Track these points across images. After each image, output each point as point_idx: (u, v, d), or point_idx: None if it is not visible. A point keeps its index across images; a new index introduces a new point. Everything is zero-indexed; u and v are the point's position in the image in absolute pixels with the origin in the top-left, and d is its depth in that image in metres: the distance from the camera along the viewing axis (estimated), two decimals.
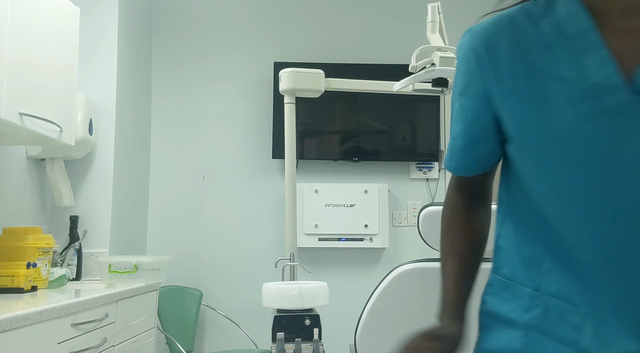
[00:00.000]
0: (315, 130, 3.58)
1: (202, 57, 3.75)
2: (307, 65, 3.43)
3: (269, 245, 3.62)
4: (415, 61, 2.15)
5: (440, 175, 3.67)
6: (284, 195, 3.64)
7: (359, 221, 3.51)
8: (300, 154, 3.55)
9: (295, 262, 2.49)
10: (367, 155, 3.59)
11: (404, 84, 2.21)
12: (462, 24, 3.77)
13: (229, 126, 3.71)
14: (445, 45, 2.17)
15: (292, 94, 2.55)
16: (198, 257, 3.61)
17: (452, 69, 2.07)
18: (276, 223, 3.64)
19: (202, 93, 3.73)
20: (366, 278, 3.61)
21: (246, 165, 3.68)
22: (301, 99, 2.76)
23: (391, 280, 1.78)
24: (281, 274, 2.56)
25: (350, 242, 3.50)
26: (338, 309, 3.57)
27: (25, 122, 2.02)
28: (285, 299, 1.91)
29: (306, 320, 1.88)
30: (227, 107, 3.72)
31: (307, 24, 3.78)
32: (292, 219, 2.51)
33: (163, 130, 3.71)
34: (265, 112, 3.70)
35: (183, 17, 3.78)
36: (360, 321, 1.81)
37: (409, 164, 3.67)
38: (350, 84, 2.61)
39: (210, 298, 3.57)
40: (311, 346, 1.85)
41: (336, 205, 3.52)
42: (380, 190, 3.54)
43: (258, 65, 3.74)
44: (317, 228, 3.49)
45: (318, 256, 3.62)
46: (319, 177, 3.66)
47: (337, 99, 3.55)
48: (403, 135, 3.60)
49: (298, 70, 2.54)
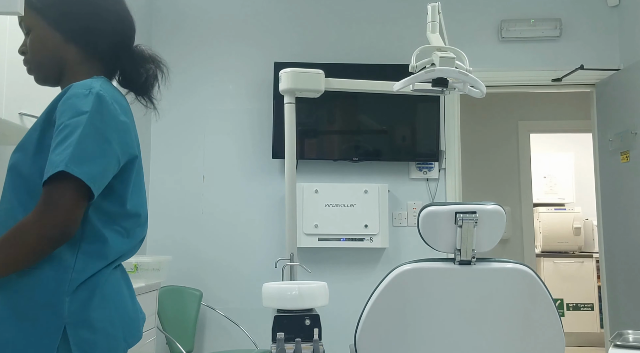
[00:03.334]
0: (315, 130, 3.58)
1: (202, 57, 3.75)
2: (307, 65, 3.43)
3: (269, 245, 3.62)
4: (415, 61, 2.15)
5: (440, 175, 3.67)
6: (284, 195, 3.64)
7: (359, 221, 3.51)
8: (300, 154, 3.55)
9: (295, 262, 2.49)
10: (367, 155, 3.59)
11: (404, 84, 2.21)
12: (462, 23, 3.78)
13: (229, 126, 3.71)
14: (445, 45, 2.17)
15: (292, 94, 2.55)
16: (198, 257, 3.61)
17: (452, 69, 2.07)
18: (276, 223, 3.64)
19: (202, 93, 3.73)
20: (366, 278, 3.61)
21: (246, 165, 3.68)
22: (301, 99, 2.76)
23: (391, 280, 1.78)
24: (281, 274, 2.56)
25: (350, 242, 3.50)
26: (338, 309, 3.57)
27: (25, 122, 2.02)
28: (285, 299, 1.91)
29: (306, 320, 1.88)
30: (227, 107, 3.72)
31: (307, 24, 3.78)
32: (292, 219, 2.51)
33: (163, 130, 3.71)
34: (265, 112, 3.71)
35: (183, 17, 3.78)
36: (360, 321, 1.81)
37: (409, 164, 3.67)
38: (350, 84, 2.61)
39: (210, 298, 3.57)
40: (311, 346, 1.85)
41: (336, 205, 3.52)
42: (380, 190, 3.54)
43: (258, 65, 3.74)
44: (317, 228, 3.49)
45: (318, 256, 3.62)
46: (319, 177, 3.66)
47: (337, 99, 3.55)
48: (403, 135, 3.60)
49: (298, 70, 2.54)
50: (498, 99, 5.56)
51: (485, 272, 1.78)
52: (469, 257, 1.77)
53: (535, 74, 3.72)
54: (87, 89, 1.22)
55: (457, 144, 3.69)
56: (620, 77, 3.54)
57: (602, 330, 5.66)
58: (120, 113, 1.26)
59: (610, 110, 3.62)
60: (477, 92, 2.25)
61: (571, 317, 5.80)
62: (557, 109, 5.63)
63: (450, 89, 2.21)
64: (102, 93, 1.23)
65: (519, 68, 3.73)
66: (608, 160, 3.64)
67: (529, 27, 3.71)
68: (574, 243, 6.15)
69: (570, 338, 5.84)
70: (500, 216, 1.78)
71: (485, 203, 1.79)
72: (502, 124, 5.54)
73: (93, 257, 1.23)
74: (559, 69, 3.71)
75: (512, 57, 3.75)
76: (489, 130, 5.53)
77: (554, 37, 3.74)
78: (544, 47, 3.75)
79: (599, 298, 5.77)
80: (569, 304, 5.83)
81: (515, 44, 3.76)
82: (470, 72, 2.13)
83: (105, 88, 1.26)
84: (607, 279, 3.65)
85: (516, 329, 1.78)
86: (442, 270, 1.78)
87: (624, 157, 3.45)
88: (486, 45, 3.76)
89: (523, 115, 5.57)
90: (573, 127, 5.61)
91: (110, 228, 1.26)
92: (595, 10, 3.76)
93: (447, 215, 1.77)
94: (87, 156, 1.16)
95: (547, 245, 6.16)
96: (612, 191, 3.58)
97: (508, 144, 5.50)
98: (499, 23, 3.75)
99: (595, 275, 5.88)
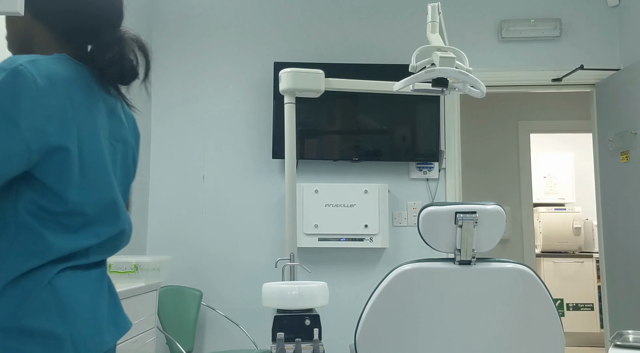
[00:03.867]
0: (315, 130, 3.58)
1: (202, 57, 3.75)
2: (307, 65, 3.43)
3: (269, 245, 3.62)
4: (415, 61, 2.15)
5: (440, 175, 3.67)
6: (284, 195, 3.64)
7: (359, 221, 3.51)
8: (300, 154, 3.55)
9: (295, 262, 2.49)
10: (367, 155, 3.59)
11: (404, 84, 2.21)
12: (462, 23, 3.78)
13: (229, 126, 3.71)
14: (445, 45, 2.17)
15: (292, 94, 2.55)
16: (198, 257, 3.61)
17: (452, 69, 2.07)
18: (276, 223, 3.64)
19: (202, 93, 3.73)
20: (366, 278, 3.61)
21: (246, 165, 3.68)
22: (301, 99, 2.76)
23: (391, 280, 1.78)
24: (281, 274, 2.56)
25: (350, 242, 3.50)
26: (338, 309, 3.57)
27: None
28: (285, 299, 1.91)
29: (306, 320, 1.88)
30: (227, 107, 3.72)
31: (307, 24, 3.78)
32: (292, 219, 2.51)
33: (163, 130, 3.71)
34: (265, 112, 3.71)
35: (183, 17, 3.78)
36: (360, 321, 1.81)
37: (409, 164, 3.67)
38: (350, 84, 2.61)
39: (210, 298, 3.57)
40: (311, 346, 1.85)
41: (336, 205, 3.52)
42: (380, 190, 3.54)
43: (258, 65, 3.74)
44: (317, 228, 3.49)
45: (318, 256, 3.62)
46: (319, 177, 3.66)
47: (337, 99, 3.55)
48: (403, 135, 3.60)
49: (298, 70, 2.54)
50: (498, 99, 5.56)
51: (485, 272, 1.78)
52: (469, 257, 1.77)
53: (535, 74, 3.72)
54: (10, 63, 1.08)
55: (457, 144, 3.69)
56: (620, 77, 3.54)
57: (602, 330, 5.67)
58: (49, 94, 1.09)
59: (610, 110, 3.62)
60: (477, 92, 2.25)
61: (571, 317, 5.80)
62: (557, 109, 5.63)
63: (450, 89, 2.21)
64: (22, 68, 1.07)
65: (519, 68, 3.73)
66: (608, 160, 3.64)
67: (529, 27, 3.71)
68: (574, 243, 6.15)
69: (570, 338, 5.84)
70: (500, 216, 1.78)
71: (485, 203, 1.79)
72: (502, 123, 5.54)
73: (26, 256, 1.10)
74: (559, 69, 3.71)
75: (512, 57, 3.75)
76: (489, 130, 5.53)
77: (554, 37, 3.74)
78: (544, 47, 3.75)
79: (599, 298, 5.78)
80: (569, 304, 5.83)
81: (515, 44, 3.76)
82: (470, 72, 2.13)
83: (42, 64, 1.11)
84: (607, 279, 3.65)
85: (516, 329, 1.78)
86: (442, 270, 1.78)
87: (624, 157, 3.45)
88: (486, 45, 3.76)
89: (523, 115, 5.57)
90: (573, 127, 5.61)
91: (49, 226, 1.13)
92: (595, 10, 3.76)
93: (447, 215, 1.77)
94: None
95: (547, 245, 6.16)
96: (612, 191, 3.58)
97: (508, 144, 5.50)
98: (499, 23, 3.75)
99: (595, 275, 5.88)
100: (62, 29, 1.24)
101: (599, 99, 3.75)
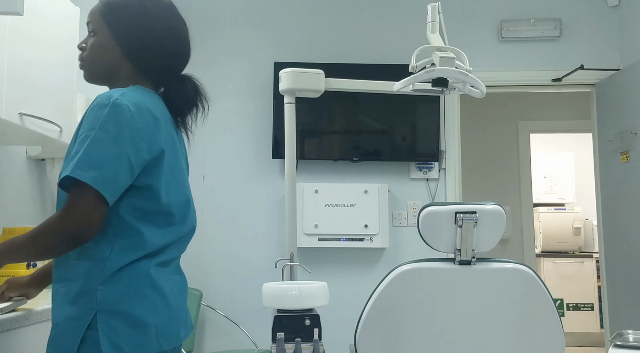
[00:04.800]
0: (315, 130, 3.58)
1: (202, 57, 3.75)
2: (307, 65, 3.43)
3: (269, 245, 3.62)
4: (415, 61, 2.15)
5: (440, 175, 3.67)
6: (284, 195, 3.64)
7: (359, 221, 3.51)
8: (300, 154, 3.55)
9: (295, 262, 2.49)
10: (367, 155, 3.59)
11: (404, 84, 2.21)
12: (462, 23, 3.78)
13: (229, 126, 3.71)
14: (445, 45, 2.17)
15: (292, 94, 2.55)
16: (198, 257, 3.61)
17: (452, 69, 2.07)
18: (276, 223, 3.64)
19: None
20: (366, 278, 3.61)
21: (246, 165, 3.68)
22: (301, 99, 2.76)
23: (391, 280, 1.78)
24: (281, 274, 2.56)
25: (350, 242, 3.50)
26: (338, 309, 3.57)
27: (25, 122, 2.02)
28: (285, 299, 1.91)
29: (306, 320, 1.88)
30: (227, 107, 3.72)
31: (307, 24, 3.78)
32: (292, 219, 2.51)
33: None
34: (265, 112, 3.71)
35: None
36: (360, 321, 1.81)
37: (409, 164, 3.67)
38: (350, 84, 2.61)
39: (210, 298, 3.57)
40: (311, 346, 1.85)
41: (336, 205, 3.52)
42: (380, 190, 3.54)
43: (258, 65, 3.74)
44: (317, 228, 3.49)
45: (318, 256, 3.62)
46: (319, 177, 3.66)
47: (337, 99, 3.55)
48: (403, 135, 3.60)
49: (298, 70, 2.54)
50: (498, 99, 5.56)
51: (485, 272, 1.78)
52: (469, 257, 1.77)
53: (535, 74, 3.72)
54: (108, 99, 1.31)
55: (457, 144, 3.69)
56: (620, 77, 3.54)
57: (602, 330, 5.66)
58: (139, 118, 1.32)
59: (610, 110, 3.62)
60: (477, 92, 2.25)
61: (571, 317, 5.81)
62: (557, 109, 5.63)
63: (450, 89, 2.21)
64: (119, 101, 1.30)
65: (519, 68, 3.73)
66: (608, 160, 3.64)
67: (529, 27, 3.71)
68: (574, 243, 6.15)
69: (570, 338, 5.84)
70: (500, 216, 1.78)
71: (485, 203, 1.79)
72: (502, 123, 5.54)
73: (128, 249, 1.31)
74: (559, 69, 3.71)
75: (512, 57, 3.75)
76: (489, 130, 5.53)
77: (554, 37, 3.74)
78: (544, 47, 3.75)
79: (599, 298, 5.78)
80: (569, 304, 5.84)
81: (515, 44, 3.76)
82: (470, 72, 2.14)
83: (129, 95, 1.33)
84: (607, 279, 3.65)
85: (516, 329, 1.78)
86: (442, 270, 1.78)
87: (624, 157, 3.45)
88: (486, 45, 3.76)
89: (523, 115, 5.57)
90: (573, 127, 5.61)
91: (144, 223, 1.33)
92: (595, 10, 3.76)
93: (447, 215, 1.77)
94: (94, 161, 1.25)
95: (547, 245, 6.16)
96: (612, 191, 3.58)
97: (508, 144, 5.50)
98: (499, 23, 3.75)
99: (595, 275, 5.88)
100: (147, 67, 1.46)
101: (599, 99, 3.75)
